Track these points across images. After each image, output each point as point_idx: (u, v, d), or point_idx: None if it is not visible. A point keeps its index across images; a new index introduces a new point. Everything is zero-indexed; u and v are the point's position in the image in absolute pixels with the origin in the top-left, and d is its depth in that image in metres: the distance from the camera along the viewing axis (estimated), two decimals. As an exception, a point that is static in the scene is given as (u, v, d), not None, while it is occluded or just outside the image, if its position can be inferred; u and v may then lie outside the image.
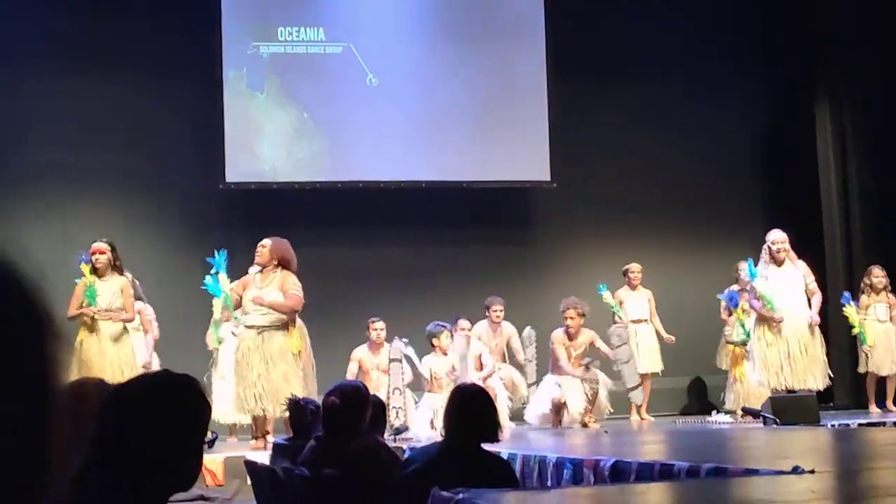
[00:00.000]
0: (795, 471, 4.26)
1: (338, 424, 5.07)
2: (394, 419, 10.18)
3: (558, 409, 10.56)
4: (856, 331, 11.37)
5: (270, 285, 9.21)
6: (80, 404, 3.19)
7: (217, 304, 9.95)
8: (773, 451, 6.19)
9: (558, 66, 12.91)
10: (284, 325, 9.19)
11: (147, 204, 11.97)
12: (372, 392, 10.32)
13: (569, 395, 10.52)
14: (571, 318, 10.63)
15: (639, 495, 4.12)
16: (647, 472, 5.12)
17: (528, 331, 11.22)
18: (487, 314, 11.34)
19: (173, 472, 2.52)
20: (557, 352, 10.68)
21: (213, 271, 9.48)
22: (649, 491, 4.22)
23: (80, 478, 2.37)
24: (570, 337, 10.72)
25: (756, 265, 10.19)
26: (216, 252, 9.48)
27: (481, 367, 10.59)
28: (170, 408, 2.54)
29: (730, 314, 11.44)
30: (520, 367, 11.31)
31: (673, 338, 11.90)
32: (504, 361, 11.33)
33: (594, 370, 10.64)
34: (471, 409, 4.76)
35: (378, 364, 10.76)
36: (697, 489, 4.21)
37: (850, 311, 11.31)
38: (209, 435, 8.75)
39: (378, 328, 10.77)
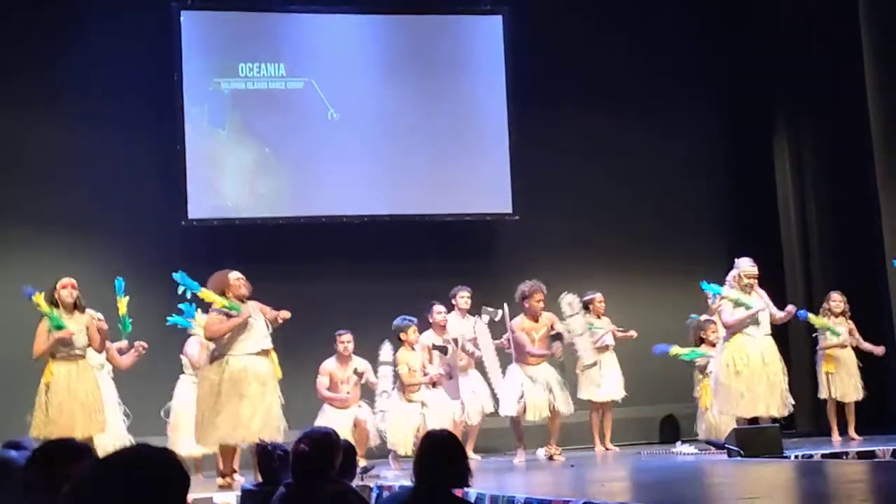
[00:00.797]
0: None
1: (308, 471, 5.06)
2: (379, 423, 10.36)
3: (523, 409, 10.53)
4: (819, 324, 11.40)
5: (255, 313, 9.22)
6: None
7: (198, 325, 9.80)
8: (739, 489, 6.23)
9: (518, 97, 13.01)
10: (266, 352, 9.22)
11: (110, 242, 11.93)
12: (344, 403, 10.48)
13: (532, 392, 10.44)
14: (538, 300, 10.57)
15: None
16: (617, 515, 5.15)
17: (504, 308, 11.07)
18: (455, 303, 11.29)
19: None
20: (521, 338, 10.53)
21: (182, 291, 9.40)
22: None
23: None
24: (534, 319, 10.58)
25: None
26: (179, 279, 9.41)
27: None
28: (150, 485, 2.55)
29: (700, 343, 11.52)
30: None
31: (634, 333, 11.88)
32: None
33: (557, 344, 10.50)
34: (441, 456, 4.79)
35: (349, 377, 10.84)
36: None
37: (812, 317, 11.37)
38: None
39: (345, 341, 10.86)
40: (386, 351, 10.52)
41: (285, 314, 9.27)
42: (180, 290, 9.41)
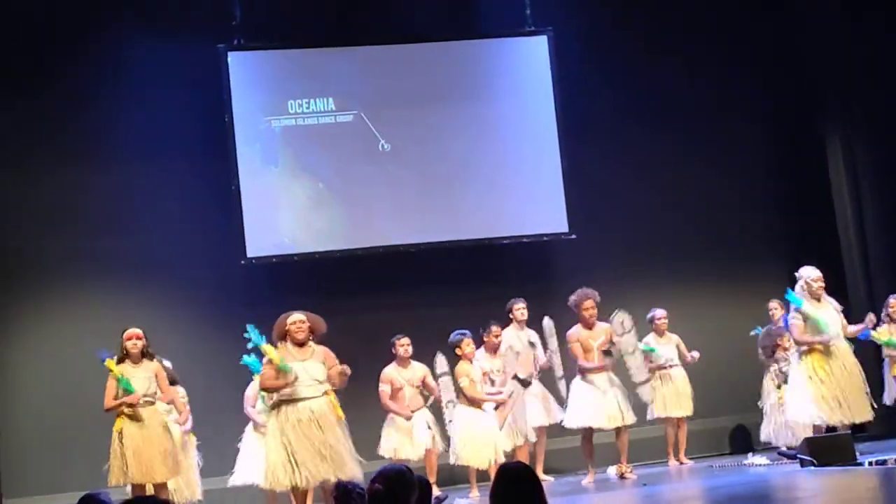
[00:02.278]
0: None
1: (385, 511, 5.06)
2: (450, 412, 10.36)
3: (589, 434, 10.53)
4: (883, 342, 11.28)
5: (312, 358, 9.25)
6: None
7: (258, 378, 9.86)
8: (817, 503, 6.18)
9: (567, 116, 13.00)
10: (326, 394, 9.25)
11: (170, 286, 12.05)
12: (408, 407, 10.51)
13: (601, 401, 10.43)
14: (587, 308, 10.54)
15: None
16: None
17: (546, 321, 11.04)
18: (512, 316, 11.29)
19: None
20: (575, 350, 10.56)
21: (250, 346, 9.49)
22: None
23: None
24: (588, 328, 10.58)
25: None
26: (248, 330, 9.49)
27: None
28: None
29: (773, 353, 11.45)
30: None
31: (697, 353, 11.83)
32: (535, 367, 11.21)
33: (608, 361, 10.46)
34: (517, 490, 4.79)
35: (409, 379, 10.95)
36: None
37: (875, 333, 11.26)
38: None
39: (404, 343, 10.96)
40: (441, 362, 10.55)
41: (346, 370, 9.25)
42: (250, 345, 9.47)
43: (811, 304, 10.16)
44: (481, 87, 13.11)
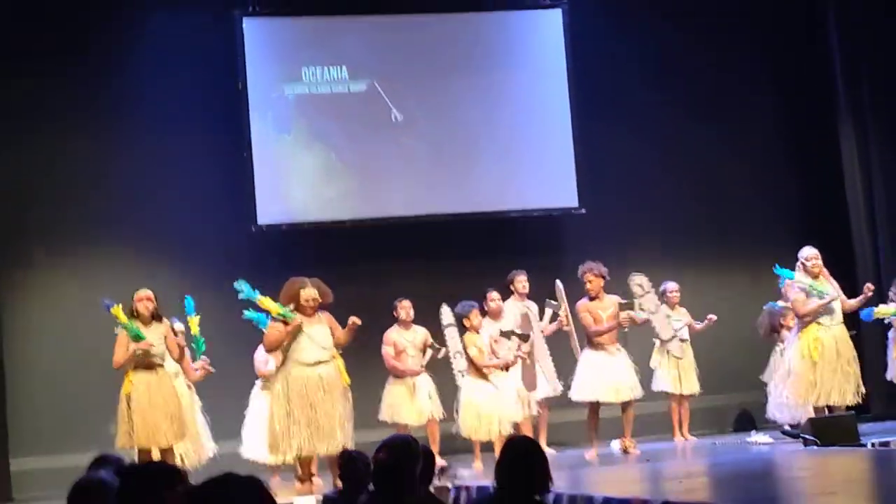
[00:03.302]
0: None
1: (388, 481, 5.11)
2: (460, 381, 10.52)
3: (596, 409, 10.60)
4: (885, 314, 11.26)
5: (319, 324, 9.35)
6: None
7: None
8: (820, 484, 6.23)
9: (580, 90, 12.99)
10: (335, 359, 9.36)
11: (181, 251, 12.09)
12: (412, 368, 10.58)
13: (608, 375, 10.48)
14: (589, 280, 10.61)
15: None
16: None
17: (558, 283, 11.13)
18: (513, 288, 11.31)
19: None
20: (585, 320, 10.62)
21: (243, 296, 9.58)
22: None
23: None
24: (594, 299, 10.63)
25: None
26: (237, 284, 9.58)
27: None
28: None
29: (774, 331, 11.49)
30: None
31: (713, 317, 11.83)
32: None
33: (625, 315, 10.49)
34: (523, 462, 4.85)
35: (412, 341, 11.04)
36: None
37: (880, 309, 11.27)
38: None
39: (405, 306, 11.08)
40: (447, 313, 10.72)
41: (355, 321, 9.36)
42: (240, 296, 9.56)
43: (807, 278, 10.25)
44: (495, 59, 13.10)
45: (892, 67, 12.86)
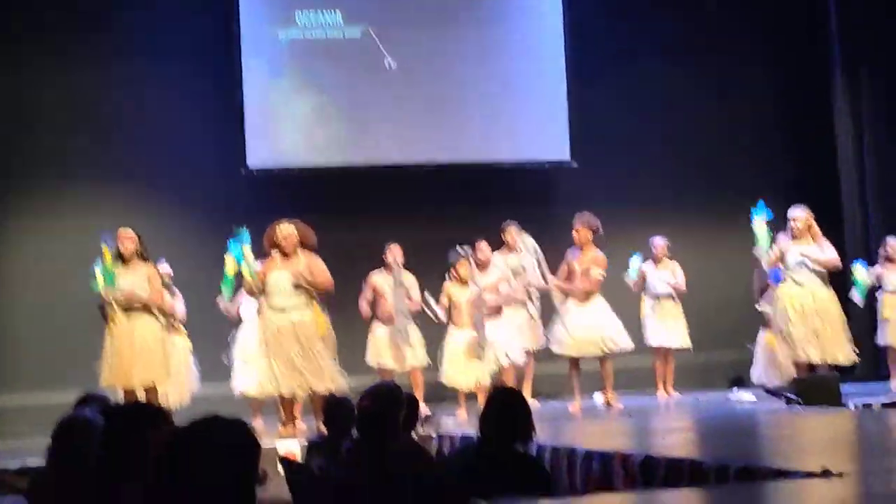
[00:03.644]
0: (825, 475, 4.35)
1: (372, 428, 5.13)
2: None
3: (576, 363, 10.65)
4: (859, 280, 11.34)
5: (287, 269, 9.33)
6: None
7: (230, 261, 9.93)
8: (801, 444, 6.27)
9: (575, 44, 12.96)
10: (310, 306, 9.34)
11: (170, 192, 12.09)
12: (388, 313, 10.59)
13: (576, 335, 10.51)
14: (577, 230, 10.60)
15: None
16: (677, 471, 5.22)
17: (527, 239, 11.22)
18: (504, 238, 11.29)
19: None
20: (561, 271, 10.70)
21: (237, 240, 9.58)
22: (677, 500, 4.31)
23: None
24: (582, 250, 10.63)
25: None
26: (236, 229, 9.57)
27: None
28: (227, 455, 2.66)
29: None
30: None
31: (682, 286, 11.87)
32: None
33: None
34: (507, 413, 4.88)
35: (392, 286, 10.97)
36: (727, 499, 4.29)
37: (857, 269, 11.31)
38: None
39: (394, 251, 10.96)
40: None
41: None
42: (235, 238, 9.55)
43: (785, 245, 10.21)
44: (491, 8, 13.06)
45: (890, 48, 12.85)
